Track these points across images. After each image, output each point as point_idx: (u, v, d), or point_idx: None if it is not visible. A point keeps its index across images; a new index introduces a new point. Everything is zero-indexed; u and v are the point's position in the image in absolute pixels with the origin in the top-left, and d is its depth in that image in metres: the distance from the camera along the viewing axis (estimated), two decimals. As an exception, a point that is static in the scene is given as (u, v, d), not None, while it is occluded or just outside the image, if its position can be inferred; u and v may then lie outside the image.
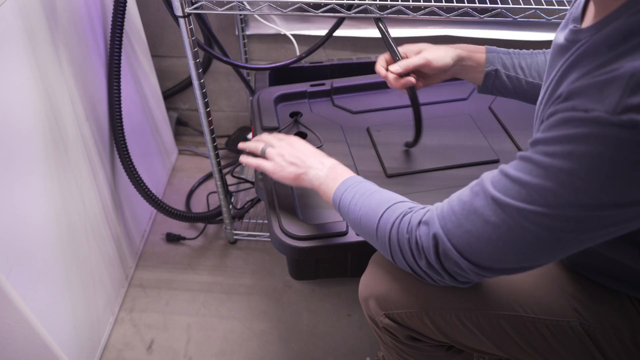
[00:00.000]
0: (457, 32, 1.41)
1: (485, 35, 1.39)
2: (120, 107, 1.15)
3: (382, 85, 1.26)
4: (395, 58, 0.91)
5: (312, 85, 1.24)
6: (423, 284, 0.74)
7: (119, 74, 1.13)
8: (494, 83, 0.92)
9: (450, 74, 0.93)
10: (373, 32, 1.43)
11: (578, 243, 0.54)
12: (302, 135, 1.13)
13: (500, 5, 0.90)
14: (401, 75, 0.90)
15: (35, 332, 0.92)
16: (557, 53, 0.61)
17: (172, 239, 1.46)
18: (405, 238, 0.64)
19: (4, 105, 0.81)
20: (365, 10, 0.92)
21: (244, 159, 0.91)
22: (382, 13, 0.91)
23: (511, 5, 0.91)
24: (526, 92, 0.91)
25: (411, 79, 0.90)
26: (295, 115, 1.18)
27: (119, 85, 1.14)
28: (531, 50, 0.93)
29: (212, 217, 1.42)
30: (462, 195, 0.60)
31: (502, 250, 0.57)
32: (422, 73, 0.93)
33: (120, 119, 1.16)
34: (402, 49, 0.93)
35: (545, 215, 0.51)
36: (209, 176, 1.65)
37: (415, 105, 0.94)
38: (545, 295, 0.72)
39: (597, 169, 0.47)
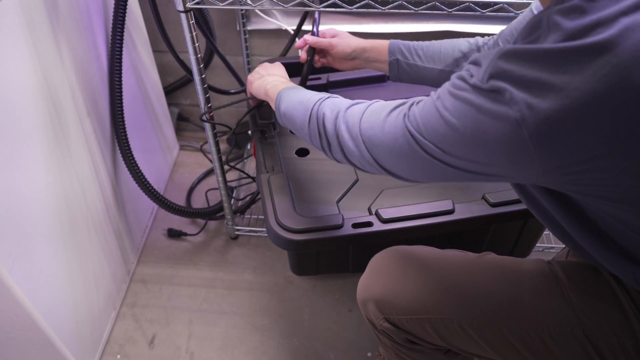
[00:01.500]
0: (459, 27, 1.41)
1: (488, 30, 1.39)
2: (121, 103, 1.15)
3: (379, 79, 1.26)
4: (312, 33, 1.06)
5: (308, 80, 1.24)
6: (425, 289, 0.74)
7: (120, 69, 1.13)
8: (398, 71, 1.00)
9: (358, 64, 1.04)
10: (374, 27, 1.43)
11: (443, 175, 0.62)
12: (303, 154, 1.13)
13: (502, 0, 0.89)
14: (310, 49, 1.04)
15: (38, 327, 0.93)
16: None
17: (174, 234, 1.47)
18: (321, 114, 0.73)
19: (6, 100, 0.81)
20: (367, 6, 0.91)
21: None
22: (384, 8, 0.91)
23: (513, 0, 0.91)
24: (426, 77, 0.99)
25: (304, 54, 1.06)
26: None
27: (120, 81, 1.14)
28: (428, 42, 1.00)
29: (213, 212, 1.42)
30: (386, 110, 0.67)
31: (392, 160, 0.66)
32: (331, 55, 1.05)
33: (122, 114, 1.16)
34: (326, 32, 1.05)
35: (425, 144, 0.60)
36: (209, 172, 1.65)
37: (304, 74, 1.06)
38: (549, 303, 0.72)
39: (467, 128, 0.55)
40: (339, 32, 1.05)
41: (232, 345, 1.23)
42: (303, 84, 1.06)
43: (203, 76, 1.05)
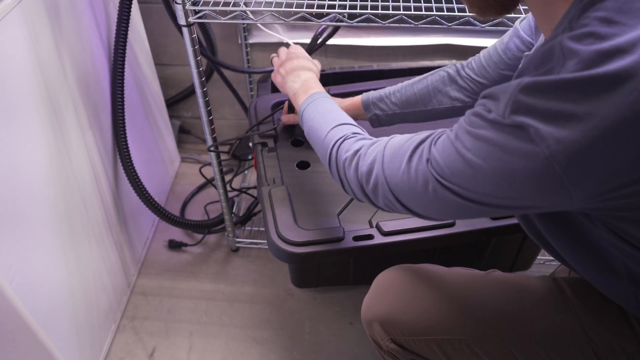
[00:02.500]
0: (458, 40, 1.42)
1: (487, 43, 1.40)
2: (123, 115, 1.15)
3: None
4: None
5: None
6: (432, 309, 0.74)
7: (122, 82, 1.14)
8: (380, 123, 1.02)
9: None
10: (374, 41, 1.44)
11: (474, 213, 0.60)
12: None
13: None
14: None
15: (38, 340, 0.92)
16: None
17: (175, 245, 1.47)
18: (341, 158, 0.72)
19: (8, 112, 0.82)
20: (367, 20, 0.92)
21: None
22: (384, 22, 0.92)
23: (513, 15, 0.92)
24: (410, 120, 1.01)
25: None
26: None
27: (122, 93, 1.14)
28: (399, 84, 1.01)
29: (214, 224, 1.42)
30: (404, 144, 0.65)
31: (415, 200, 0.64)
32: None
33: (124, 126, 1.16)
34: None
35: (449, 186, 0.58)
36: (202, 186, 1.64)
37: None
38: (557, 321, 0.72)
39: (491, 169, 0.53)
40: None
41: (233, 358, 1.22)
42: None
43: (205, 89, 1.06)
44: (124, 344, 1.25)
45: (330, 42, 1.29)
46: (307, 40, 1.43)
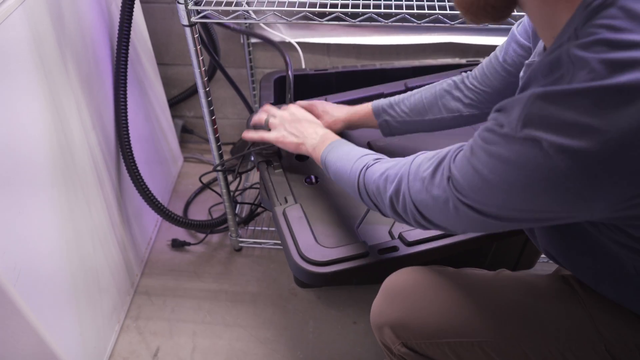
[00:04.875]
0: (461, 39, 1.42)
1: (490, 42, 1.40)
2: (126, 115, 1.15)
3: (375, 98, 1.24)
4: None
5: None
6: (443, 312, 0.73)
7: (125, 82, 1.14)
8: (390, 130, 1.02)
9: (348, 128, 1.08)
10: (377, 40, 1.44)
11: (489, 228, 0.61)
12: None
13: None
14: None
15: (43, 341, 0.93)
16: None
17: (178, 245, 1.47)
18: (370, 183, 0.74)
19: (12, 114, 0.82)
20: (370, 19, 0.92)
21: (246, 134, 1.02)
22: (387, 21, 0.91)
23: (516, 13, 0.91)
24: (418, 128, 1.00)
25: None
26: None
27: (125, 93, 1.14)
28: (409, 92, 1.01)
29: (217, 224, 1.42)
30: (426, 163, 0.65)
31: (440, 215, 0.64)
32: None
33: (127, 126, 1.16)
34: (313, 108, 1.06)
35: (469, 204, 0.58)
36: (203, 188, 1.64)
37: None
38: (569, 319, 0.71)
39: (508, 182, 0.53)
40: (325, 106, 1.06)
41: (236, 358, 1.22)
42: None
43: (207, 89, 1.06)
44: (127, 344, 1.25)
45: (333, 41, 1.29)
46: (309, 40, 1.43)
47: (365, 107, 1.03)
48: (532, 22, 0.62)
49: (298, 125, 0.95)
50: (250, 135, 1.01)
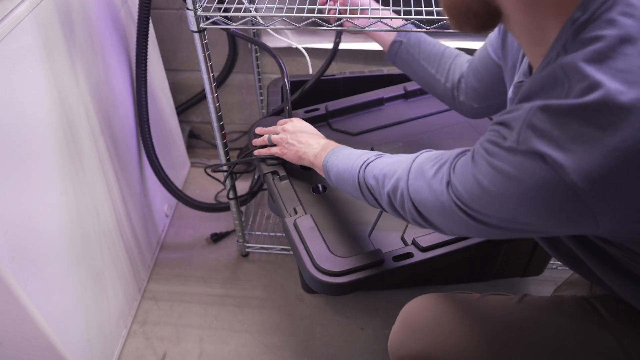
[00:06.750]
0: (470, 44, 1.41)
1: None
2: (147, 113, 1.21)
3: (378, 103, 1.24)
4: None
5: (306, 112, 1.21)
6: (466, 344, 0.72)
7: (146, 86, 1.17)
8: (397, 53, 1.01)
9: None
10: (385, 45, 1.44)
11: (493, 234, 0.61)
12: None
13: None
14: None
15: (52, 346, 0.93)
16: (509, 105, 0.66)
17: (217, 239, 1.51)
18: (369, 178, 0.75)
19: (22, 118, 0.82)
20: (379, 25, 0.92)
21: (257, 152, 1.05)
22: (396, 28, 0.91)
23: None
24: (417, 73, 1.01)
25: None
26: None
27: (146, 96, 1.18)
28: (437, 40, 1.00)
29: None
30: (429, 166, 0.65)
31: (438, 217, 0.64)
32: None
33: (149, 126, 1.23)
34: None
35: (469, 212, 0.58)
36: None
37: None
38: (596, 346, 0.70)
39: (510, 193, 0.52)
40: None
41: (243, 363, 1.22)
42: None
43: (216, 94, 1.06)
44: (134, 349, 1.25)
45: (341, 46, 1.29)
46: (317, 45, 1.43)
47: (396, 21, 0.97)
48: (518, 39, 0.61)
49: (299, 137, 0.97)
50: (261, 152, 1.04)
